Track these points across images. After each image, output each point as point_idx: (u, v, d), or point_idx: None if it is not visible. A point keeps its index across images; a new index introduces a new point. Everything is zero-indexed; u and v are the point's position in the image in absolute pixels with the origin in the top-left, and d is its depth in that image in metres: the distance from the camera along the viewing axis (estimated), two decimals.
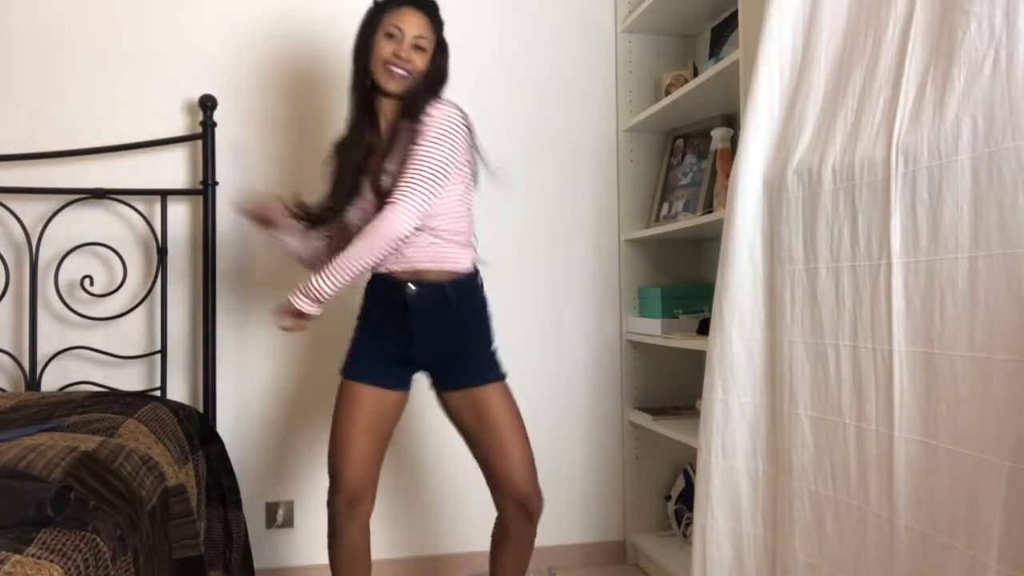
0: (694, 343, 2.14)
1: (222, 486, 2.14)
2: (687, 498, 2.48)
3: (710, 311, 1.74)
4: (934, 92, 1.24)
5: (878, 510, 1.33)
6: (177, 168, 2.42)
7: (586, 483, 2.62)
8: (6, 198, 2.30)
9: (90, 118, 2.38)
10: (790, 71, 1.59)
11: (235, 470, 2.25)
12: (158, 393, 2.29)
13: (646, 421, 2.47)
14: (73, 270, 2.33)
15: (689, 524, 2.45)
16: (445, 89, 1.78)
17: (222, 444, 2.20)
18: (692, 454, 2.48)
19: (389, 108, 1.75)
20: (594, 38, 2.68)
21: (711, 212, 2.20)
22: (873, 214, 1.34)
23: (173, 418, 1.97)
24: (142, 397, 2.07)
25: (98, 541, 1.19)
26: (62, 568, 1.07)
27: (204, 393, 2.31)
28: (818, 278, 1.47)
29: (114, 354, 2.34)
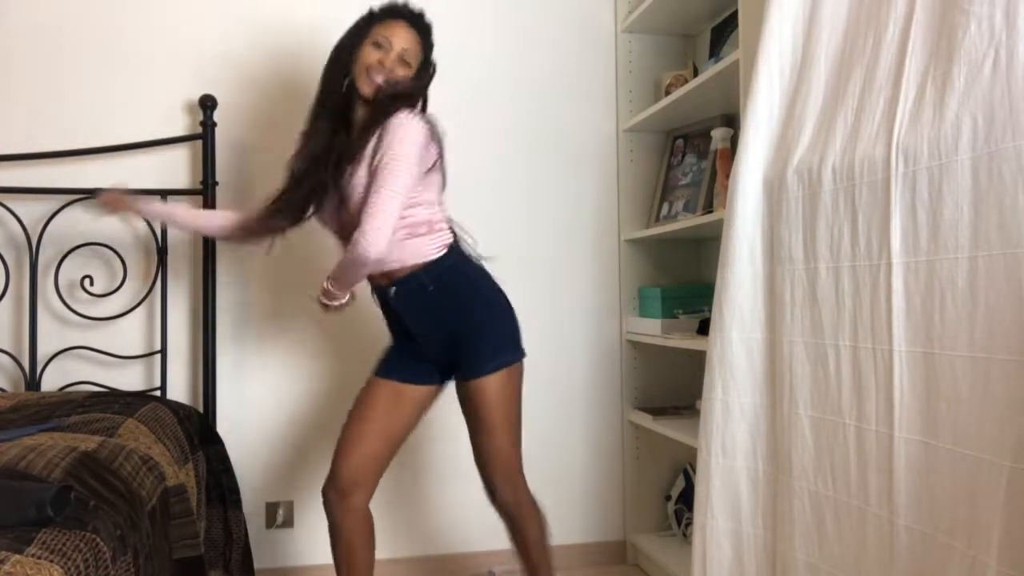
0: (694, 343, 2.14)
1: (222, 486, 2.15)
2: (687, 498, 2.48)
3: (710, 311, 1.74)
4: (934, 92, 1.24)
5: (878, 510, 1.33)
6: (177, 168, 2.42)
7: (586, 483, 2.62)
8: (6, 198, 2.30)
9: (90, 118, 2.38)
10: (790, 71, 1.59)
11: (235, 470, 2.26)
12: (158, 393, 2.29)
13: (646, 421, 2.47)
14: (73, 270, 2.33)
15: (689, 524, 2.45)
16: (419, 105, 1.77)
17: (222, 444, 2.20)
18: (692, 454, 2.48)
19: (362, 114, 1.75)
20: (594, 38, 2.68)
21: (711, 212, 2.20)
22: (873, 214, 1.34)
23: (173, 418, 1.97)
24: (142, 397, 2.07)
25: (98, 541, 1.19)
26: (62, 568, 1.07)
27: (204, 393, 2.31)
28: (818, 278, 1.47)
29: (114, 354, 2.34)
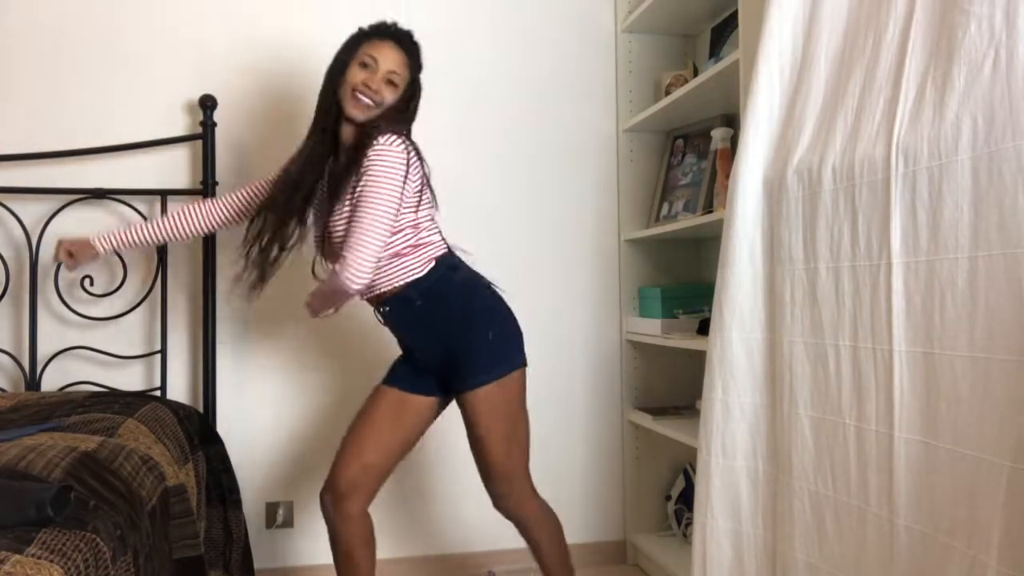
0: (694, 343, 2.14)
1: (222, 486, 2.15)
2: (687, 498, 2.48)
3: (710, 311, 1.74)
4: (934, 92, 1.24)
5: (878, 510, 1.33)
6: (177, 168, 2.42)
7: (586, 483, 2.62)
8: (6, 198, 2.30)
9: (90, 118, 2.38)
10: (790, 71, 1.59)
11: (235, 470, 2.25)
12: (158, 393, 2.29)
13: (646, 421, 2.47)
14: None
15: (689, 524, 2.45)
16: (407, 128, 1.77)
17: (222, 444, 2.20)
18: (692, 454, 2.48)
19: (349, 134, 1.73)
20: (594, 38, 2.67)
21: (711, 212, 2.20)
22: (873, 214, 1.34)
23: (173, 418, 1.97)
24: (142, 397, 2.07)
25: (98, 541, 1.19)
26: (62, 568, 1.07)
27: (204, 393, 2.31)
28: (818, 278, 1.47)
29: (114, 354, 2.34)
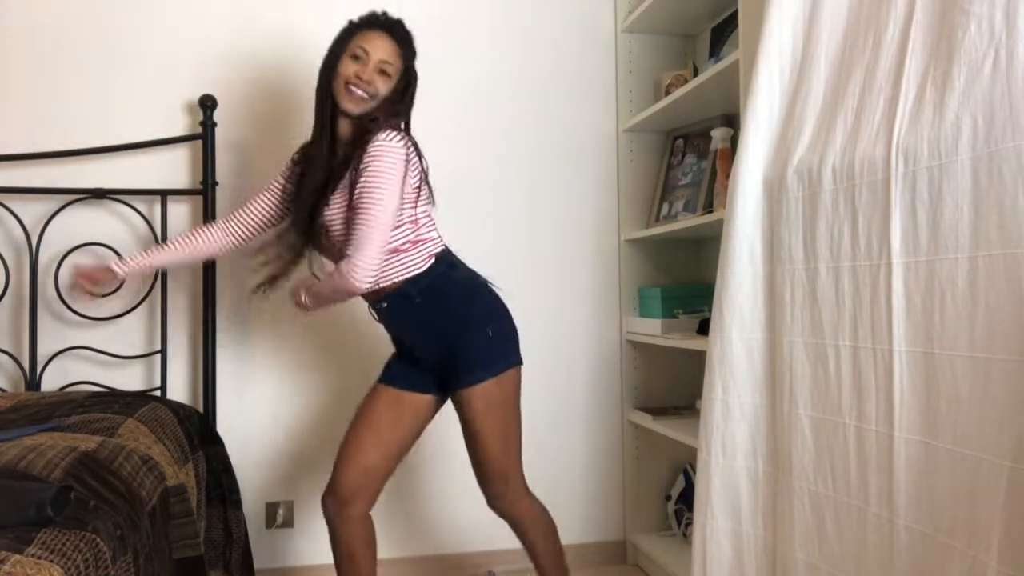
0: (694, 343, 2.14)
1: (222, 486, 2.14)
2: (687, 498, 2.48)
3: (710, 311, 1.74)
4: (934, 92, 1.24)
5: (878, 510, 1.33)
6: (177, 168, 2.42)
7: (586, 483, 2.62)
8: (6, 198, 2.30)
9: (90, 118, 2.38)
10: (790, 71, 1.59)
11: (235, 470, 2.26)
12: (158, 393, 2.29)
13: (646, 421, 2.47)
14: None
15: (689, 524, 2.45)
16: (404, 118, 1.76)
17: (222, 444, 2.20)
18: (692, 454, 2.48)
19: (346, 129, 1.73)
20: (594, 38, 2.67)
21: (711, 212, 2.20)
22: (873, 214, 1.34)
23: (173, 418, 1.97)
24: (142, 397, 2.07)
25: (98, 541, 1.19)
26: (62, 568, 1.07)
27: (204, 393, 2.31)
28: (818, 278, 1.47)
29: (114, 354, 2.34)
